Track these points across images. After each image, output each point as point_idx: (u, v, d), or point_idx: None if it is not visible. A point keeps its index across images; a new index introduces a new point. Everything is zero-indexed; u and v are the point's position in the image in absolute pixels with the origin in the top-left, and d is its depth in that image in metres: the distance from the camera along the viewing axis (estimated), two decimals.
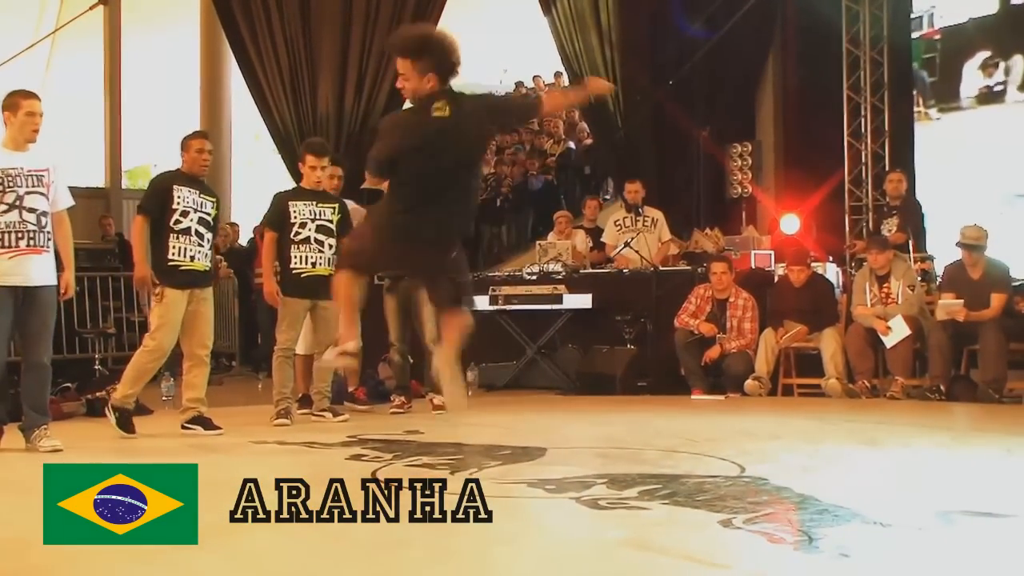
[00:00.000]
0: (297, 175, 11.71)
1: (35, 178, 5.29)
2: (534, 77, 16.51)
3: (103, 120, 14.97)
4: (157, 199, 5.96)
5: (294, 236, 6.54)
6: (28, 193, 5.25)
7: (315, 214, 6.60)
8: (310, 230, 6.56)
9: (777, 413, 6.85)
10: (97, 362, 8.75)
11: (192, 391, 6.00)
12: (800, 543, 3.07)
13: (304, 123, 11.75)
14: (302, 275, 6.52)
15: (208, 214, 6.04)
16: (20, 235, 5.21)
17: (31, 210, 5.25)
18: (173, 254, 5.89)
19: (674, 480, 4.10)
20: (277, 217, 6.62)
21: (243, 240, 12.42)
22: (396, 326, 7.36)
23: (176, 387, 8.15)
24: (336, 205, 6.72)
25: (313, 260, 6.56)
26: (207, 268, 6.05)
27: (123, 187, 16.04)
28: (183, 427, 5.95)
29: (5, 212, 5.20)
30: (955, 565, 2.88)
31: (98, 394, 7.33)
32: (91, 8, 13.17)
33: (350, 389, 7.22)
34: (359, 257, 4.35)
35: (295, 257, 6.54)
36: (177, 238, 5.91)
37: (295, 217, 6.57)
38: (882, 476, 4.38)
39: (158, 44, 17.09)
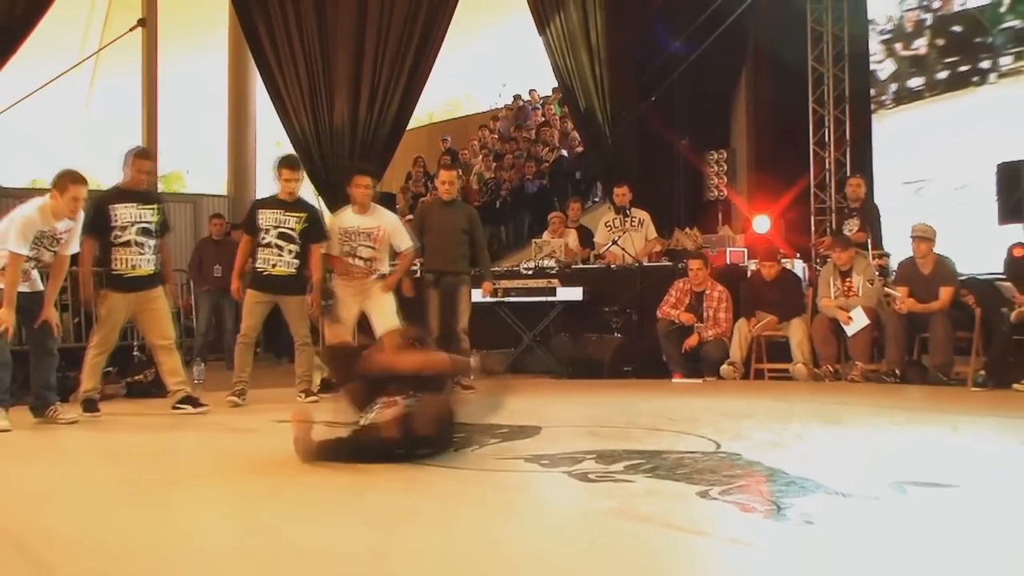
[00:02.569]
0: (316, 181, 11.81)
1: (56, 239, 5.65)
2: (530, 91, 16.51)
3: (141, 130, 14.97)
4: (97, 221, 6.06)
5: (260, 240, 6.68)
6: (52, 246, 5.65)
7: (280, 221, 6.69)
8: (272, 236, 6.67)
9: (749, 395, 6.85)
10: (135, 348, 8.73)
11: (173, 376, 6.18)
12: (770, 512, 3.08)
13: (321, 132, 11.72)
14: (263, 274, 6.67)
15: (149, 222, 6.14)
16: (41, 267, 5.69)
17: (52, 254, 5.66)
18: (116, 265, 6.07)
19: (656, 455, 4.10)
20: (250, 224, 6.81)
21: None
22: (436, 319, 7.41)
23: (207, 371, 8.20)
24: (303, 215, 6.77)
25: (273, 262, 6.66)
26: (152, 272, 6.16)
27: (159, 191, 16.10)
28: (174, 408, 6.14)
29: (43, 253, 5.60)
30: (908, 531, 2.89)
31: (137, 377, 7.34)
32: (131, 30, 13.13)
33: None
34: None
35: (260, 259, 6.70)
36: (119, 251, 6.07)
37: (262, 223, 6.70)
38: (843, 451, 4.38)
39: (191, 61, 17.08)
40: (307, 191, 16.08)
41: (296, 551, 2.76)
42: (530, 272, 9.18)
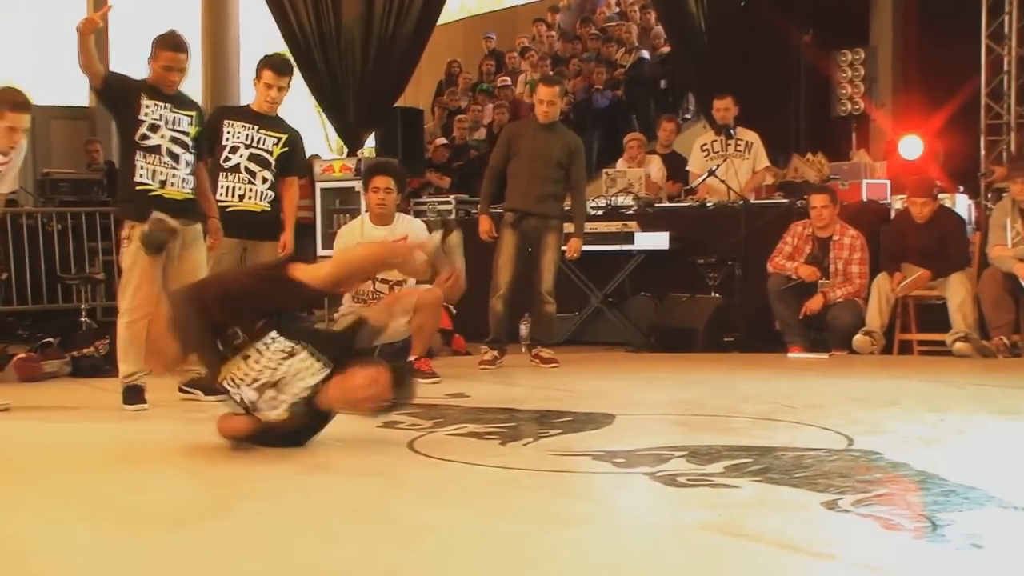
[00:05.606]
0: (320, 94, 11.82)
1: None
2: None
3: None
4: (123, 100, 5.82)
5: (223, 161, 6.51)
6: None
7: (252, 139, 6.59)
8: (241, 157, 6.55)
9: (892, 375, 6.80)
10: (83, 313, 8.86)
11: None
12: (922, 530, 3.05)
13: (326, 31, 11.71)
14: (227, 209, 6.44)
15: (184, 132, 5.91)
16: None
17: None
18: (140, 175, 5.80)
19: (768, 453, 4.10)
20: (210, 137, 6.46)
21: None
22: (509, 270, 7.51)
23: None
24: (284, 136, 6.68)
25: (241, 192, 6.53)
26: (189, 197, 5.94)
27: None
28: (180, 390, 6.02)
29: None
30: None
31: (85, 351, 7.44)
32: None
33: (411, 358, 6.69)
34: None
35: (221, 188, 6.51)
36: (145, 156, 5.80)
37: (228, 138, 6.53)
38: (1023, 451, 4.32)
39: None
40: (306, 107, 16.18)
41: (298, 572, 2.77)
42: (600, 212, 9.16)
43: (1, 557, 2.97)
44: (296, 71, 11.80)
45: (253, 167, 6.57)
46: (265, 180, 6.59)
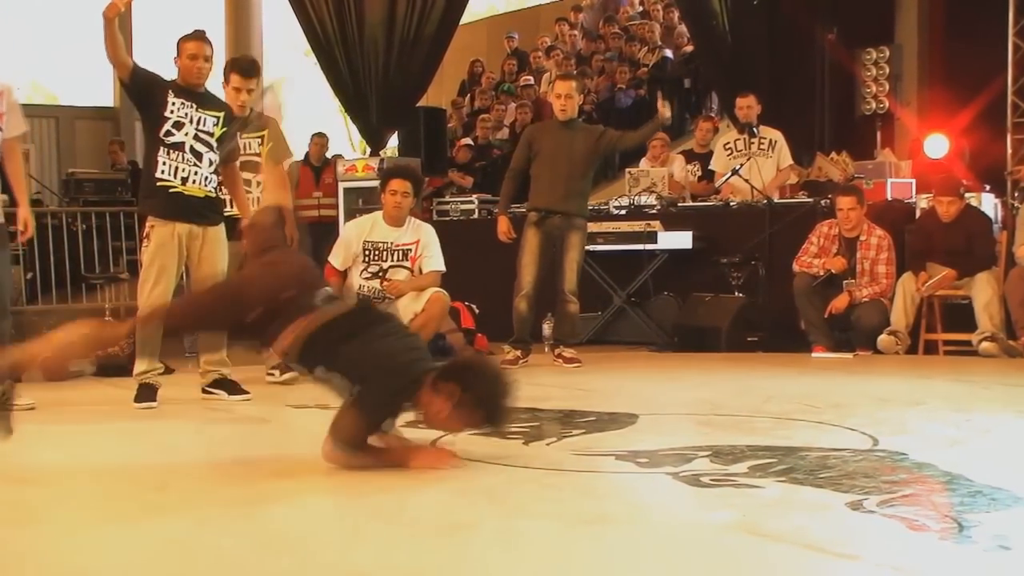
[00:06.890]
0: (341, 92, 11.86)
1: None
2: None
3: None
4: (149, 95, 5.77)
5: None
6: None
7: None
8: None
9: (918, 375, 6.77)
10: (107, 312, 8.92)
11: (210, 352, 6.00)
12: (949, 531, 3.02)
13: (348, 30, 11.74)
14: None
15: (208, 133, 5.89)
16: None
17: None
18: (162, 171, 5.76)
19: (791, 453, 4.08)
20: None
21: None
22: (532, 269, 7.50)
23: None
24: (264, 134, 6.68)
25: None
26: (212, 196, 5.91)
27: None
28: (204, 391, 6.03)
29: None
30: None
31: (109, 350, 7.46)
32: None
33: None
34: None
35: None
36: (168, 153, 5.76)
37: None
38: None
39: None
40: (330, 108, 16.23)
41: (322, 571, 2.78)
42: (623, 212, 9.17)
43: (28, 558, 2.98)
44: (319, 71, 11.95)
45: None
46: (257, 183, 6.62)
